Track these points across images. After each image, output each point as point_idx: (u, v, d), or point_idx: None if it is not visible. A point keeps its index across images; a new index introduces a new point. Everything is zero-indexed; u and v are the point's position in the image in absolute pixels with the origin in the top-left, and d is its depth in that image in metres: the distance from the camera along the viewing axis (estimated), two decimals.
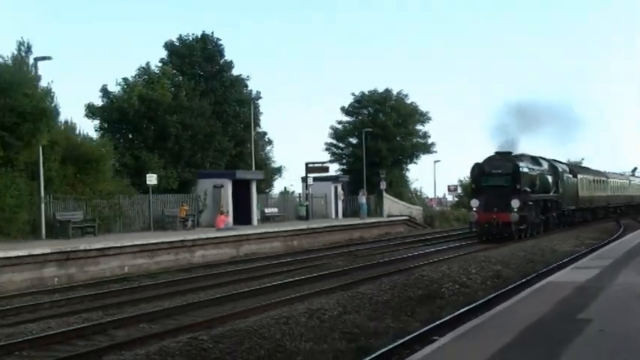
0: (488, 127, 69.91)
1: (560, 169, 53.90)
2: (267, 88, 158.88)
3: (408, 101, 79.45)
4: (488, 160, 45.21)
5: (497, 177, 43.63)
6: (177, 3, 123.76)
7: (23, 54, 40.45)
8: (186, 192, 50.60)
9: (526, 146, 53.31)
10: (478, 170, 45.08)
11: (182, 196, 48.99)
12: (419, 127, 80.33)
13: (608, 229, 55.21)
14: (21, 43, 40.43)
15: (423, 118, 79.88)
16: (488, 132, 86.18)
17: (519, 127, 57.04)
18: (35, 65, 39.71)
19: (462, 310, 18.32)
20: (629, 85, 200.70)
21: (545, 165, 51.77)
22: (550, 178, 50.89)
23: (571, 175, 58.40)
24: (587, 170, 69.75)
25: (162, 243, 33.78)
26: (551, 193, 50.66)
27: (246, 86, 64.78)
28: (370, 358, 13.18)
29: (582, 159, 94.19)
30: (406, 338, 14.87)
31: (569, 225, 55.47)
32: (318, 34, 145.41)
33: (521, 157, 47.40)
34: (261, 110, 66.32)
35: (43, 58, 39.48)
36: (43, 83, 39.94)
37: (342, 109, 79.58)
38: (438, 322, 16.64)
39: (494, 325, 13.10)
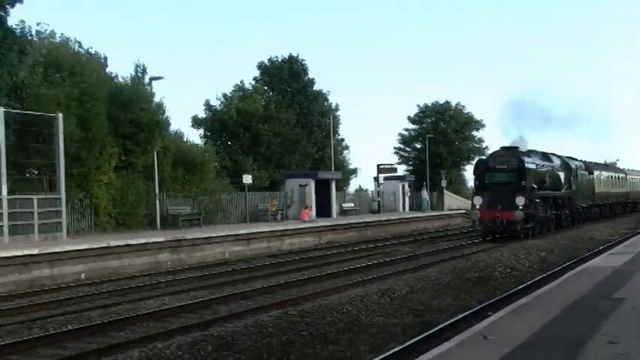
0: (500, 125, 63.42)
1: (573, 166, 45.49)
2: (344, 99, 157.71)
3: (465, 111, 79.17)
4: (493, 155, 38.33)
5: (501, 173, 35.77)
6: (268, 28, 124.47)
7: (140, 75, 41.26)
8: (276, 190, 50.98)
9: (555, 147, 50.79)
10: (482, 166, 37.31)
11: (272, 193, 49.37)
12: (474, 133, 79.96)
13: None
14: (138, 66, 41.31)
15: (478, 125, 79.47)
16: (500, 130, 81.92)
17: (525, 124, 52.95)
18: (150, 84, 40.48)
19: (513, 290, 18.25)
20: (629, 85, 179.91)
21: (557, 161, 43.43)
22: (562, 175, 42.66)
23: (586, 172, 49.94)
24: (604, 167, 61.12)
25: (256, 233, 34.03)
26: (562, 190, 42.41)
27: (327, 100, 65.16)
28: (434, 330, 13.28)
29: (617, 159, 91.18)
30: (465, 314, 14.92)
31: (585, 221, 47.44)
32: (385, 50, 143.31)
33: (530, 152, 39.74)
34: (339, 120, 66.67)
35: (157, 78, 40.27)
36: (156, 99, 40.71)
37: (409, 118, 79.79)
38: (492, 301, 16.60)
39: (541, 303, 13.08)
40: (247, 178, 44.06)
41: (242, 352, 12.19)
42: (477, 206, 35.65)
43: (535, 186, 36.35)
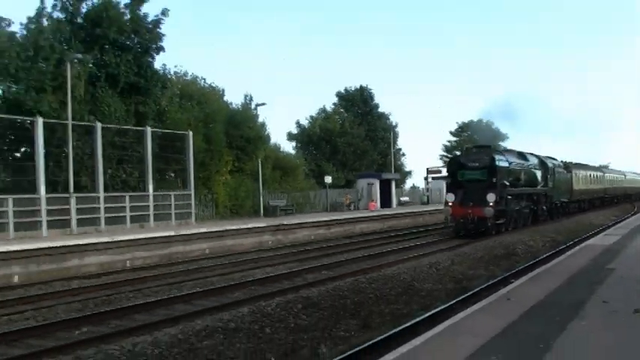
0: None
1: (550, 165, 37.65)
2: (401, 113, 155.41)
3: (494, 127, 77.64)
4: (466, 153, 31.42)
5: (473, 171, 29.01)
6: (344, 64, 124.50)
7: (248, 102, 41.92)
8: (350, 187, 51.02)
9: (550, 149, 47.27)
10: (455, 164, 30.41)
11: (347, 189, 49.47)
12: (500, 143, 78.47)
13: (627, 209, 52.42)
14: (246, 95, 42.15)
15: (503, 138, 77.82)
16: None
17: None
18: (255, 108, 41.03)
19: (530, 263, 17.99)
20: (628, 85, 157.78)
21: (534, 160, 35.71)
22: (538, 173, 35.20)
23: (564, 171, 42.21)
24: (583, 166, 50.98)
25: (335, 220, 34.07)
26: (538, 187, 34.95)
27: (388, 119, 64.96)
28: (470, 294, 13.15)
29: (609, 162, 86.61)
30: (493, 281, 14.81)
31: (564, 215, 39.99)
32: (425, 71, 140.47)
33: (504, 151, 32.91)
34: (398, 134, 66.37)
35: (260, 104, 40.83)
36: (260, 119, 41.34)
37: (450, 132, 79.16)
38: (514, 271, 16.40)
39: (551, 273, 12.97)
40: (328, 178, 44.39)
41: (324, 309, 12.29)
42: (450, 203, 28.97)
43: (507, 183, 29.32)
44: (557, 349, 6.68)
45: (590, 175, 52.00)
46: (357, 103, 62.52)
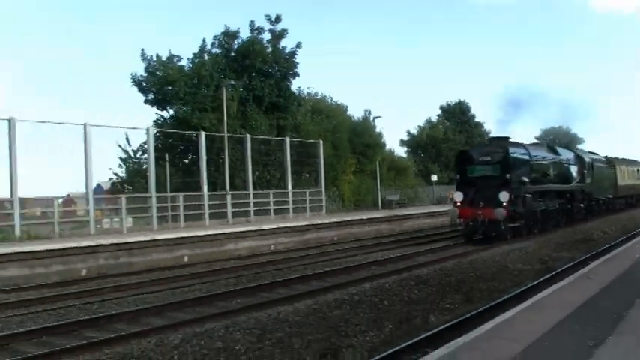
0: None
1: (587, 160, 29.69)
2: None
3: (572, 132, 72.36)
4: (477, 146, 24.00)
5: (484, 166, 21.17)
6: (444, 84, 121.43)
7: (367, 115, 42.07)
8: (452, 184, 49.76)
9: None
10: (464, 159, 22.16)
11: (449, 186, 48.42)
12: (578, 146, 73.01)
13: None
14: (366, 110, 42.24)
15: (580, 141, 72.16)
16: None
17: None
18: (373, 120, 41.16)
19: (605, 247, 17.15)
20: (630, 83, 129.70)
21: (568, 155, 27.87)
22: (573, 168, 27.34)
23: (606, 166, 34.15)
24: (628, 162, 40.79)
25: (439, 211, 33.15)
26: (573, 184, 26.98)
27: (483, 127, 63.04)
28: (554, 273, 12.68)
29: None
30: (574, 262, 14.27)
31: (607, 212, 32.24)
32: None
33: (529, 145, 24.84)
34: None
35: (377, 117, 40.95)
36: (377, 129, 41.41)
37: (535, 137, 74.81)
38: (591, 254, 15.68)
39: (623, 256, 12.62)
40: (434, 177, 43.79)
41: (432, 285, 12.19)
42: (458, 203, 21.41)
43: (525, 179, 21.34)
44: (629, 319, 6.73)
45: (638, 171, 42.32)
46: (457, 115, 61.15)
